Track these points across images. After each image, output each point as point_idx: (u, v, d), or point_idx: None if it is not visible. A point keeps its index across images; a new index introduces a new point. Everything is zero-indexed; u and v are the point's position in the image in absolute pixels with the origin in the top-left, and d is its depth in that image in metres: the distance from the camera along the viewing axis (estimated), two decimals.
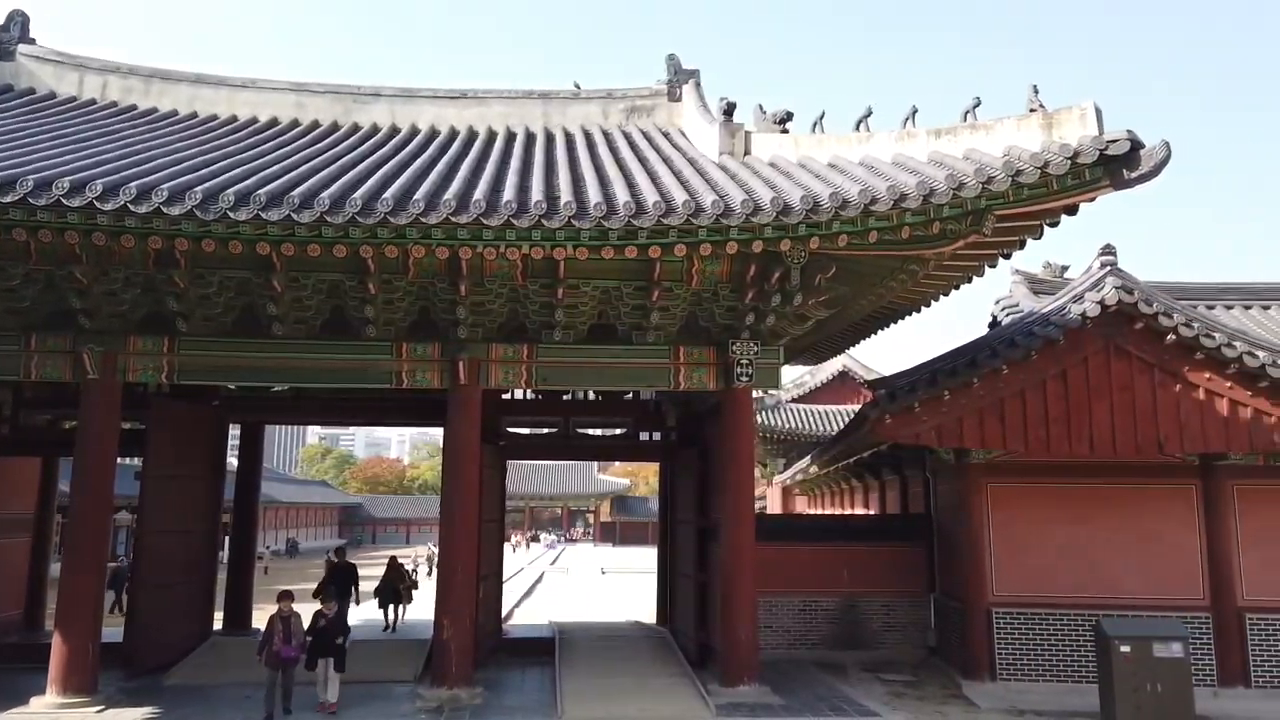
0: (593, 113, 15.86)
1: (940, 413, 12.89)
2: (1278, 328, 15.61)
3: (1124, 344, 12.74)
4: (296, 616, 11.17)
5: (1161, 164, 9.82)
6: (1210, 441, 12.65)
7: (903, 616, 15.73)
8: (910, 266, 12.10)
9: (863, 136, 11.86)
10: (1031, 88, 10.57)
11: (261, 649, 11.00)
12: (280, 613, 11.10)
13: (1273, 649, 12.97)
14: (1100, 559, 13.43)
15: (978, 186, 9.97)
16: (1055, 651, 13.17)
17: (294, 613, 11.17)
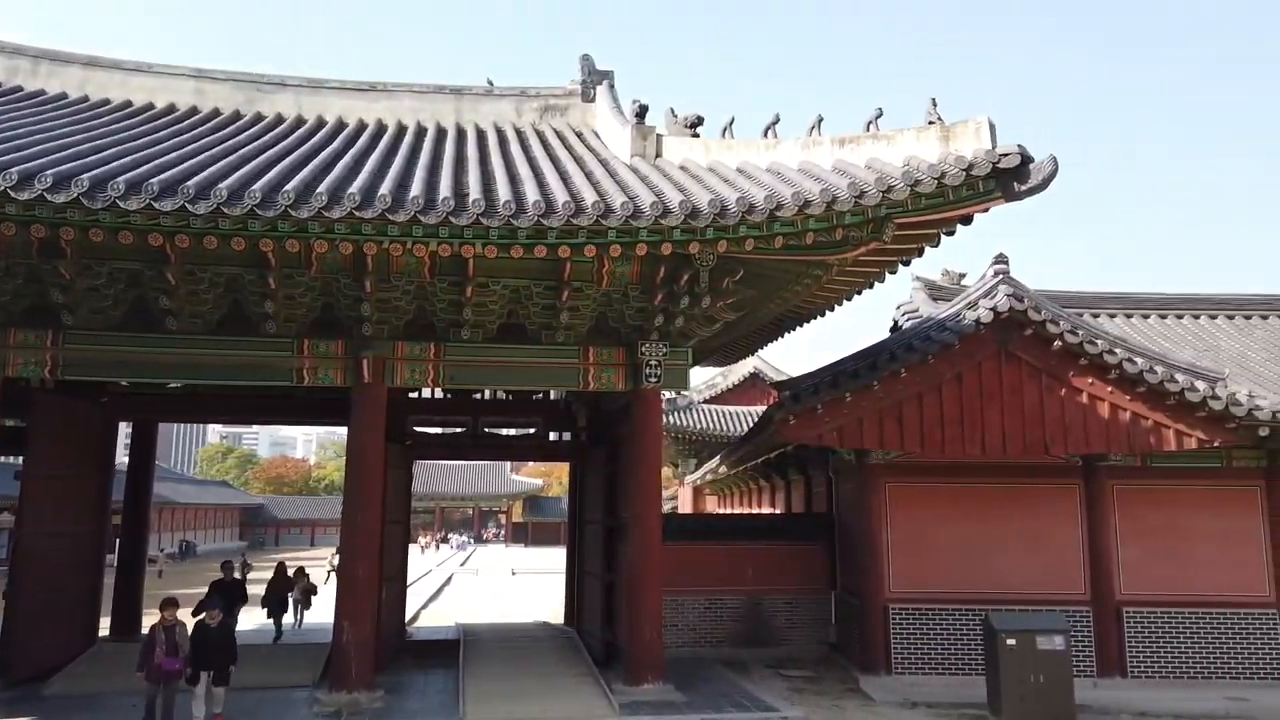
0: (506, 110, 15.75)
1: (842, 414, 13.23)
2: (1156, 335, 16.51)
3: (1015, 349, 13.30)
4: (181, 626, 10.36)
5: (1049, 178, 10.29)
6: (1092, 443, 13.31)
7: (805, 614, 16.09)
8: (815, 271, 12.38)
9: (771, 143, 12.08)
10: (930, 101, 10.93)
11: (142, 662, 10.11)
12: (163, 622, 10.26)
13: (1148, 641, 13.72)
14: (991, 556, 14.00)
15: (878, 195, 10.27)
16: (948, 645, 13.67)
17: (178, 622, 10.35)
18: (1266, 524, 14.12)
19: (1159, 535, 14.05)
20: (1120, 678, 13.48)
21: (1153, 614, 13.77)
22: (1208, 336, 16.62)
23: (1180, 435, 13.03)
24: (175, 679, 10.20)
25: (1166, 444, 13.11)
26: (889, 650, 13.60)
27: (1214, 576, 13.92)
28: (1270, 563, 14.00)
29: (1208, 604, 13.80)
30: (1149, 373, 12.86)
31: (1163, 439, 13.09)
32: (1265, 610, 13.78)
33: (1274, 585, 13.92)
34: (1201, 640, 13.70)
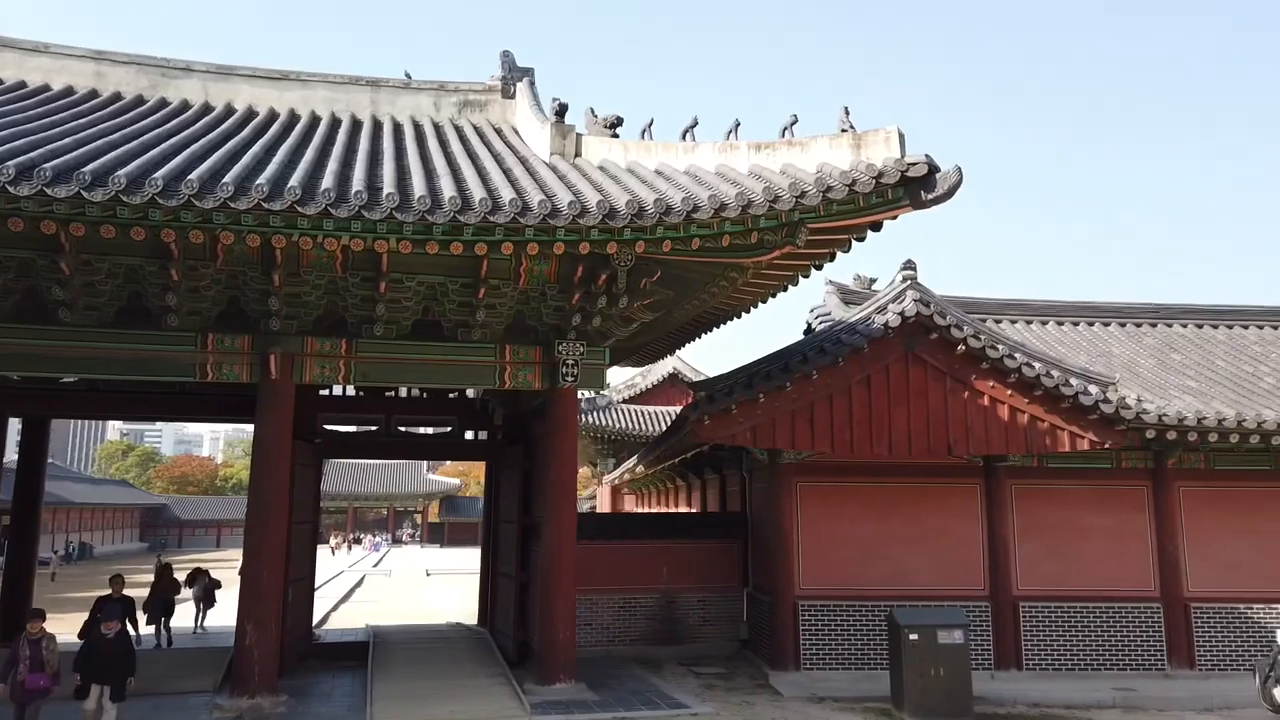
0: (424, 104, 15.54)
1: (755, 415, 13.45)
2: (1053, 341, 17.23)
3: (921, 353, 13.71)
4: (50, 639, 9.51)
5: (954, 188, 10.64)
6: (993, 444, 13.82)
7: (718, 611, 16.29)
8: (731, 273, 12.56)
9: (689, 146, 12.21)
10: (843, 109, 11.19)
11: (4, 676, 9.21)
12: (28, 634, 9.39)
13: (1042, 634, 14.31)
14: (897, 553, 14.42)
15: (792, 200, 10.47)
16: (855, 641, 14.02)
17: (46, 634, 9.48)
18: (1152, 521, 14.88)
19: (1054, 532, 14.69)
20: (1016, 670, 14.03)
21: (1047, 608, 14.37)
22: (1100, 343, 17.43)
23: (1074, 437, 13.62)
24: (41, 698, 9.31)
25: (1061, 445, 13.69)
26: (798, 646, 13.89)
27: (1104, 572, 14.61)
28: (1155, 558, 14.77)
29: (1098, 598, 14.48)
30: (1046, 377, 13.41)
31: (1058, 440, 13.66)
32: (1150, 604, 14.51)
33: (1158, 580, 14.68)
34: (1092, 633, 14.36)
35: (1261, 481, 15.08)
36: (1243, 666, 14.27)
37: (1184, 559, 14.74)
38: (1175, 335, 17.99)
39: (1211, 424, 13.77)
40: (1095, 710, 11.94)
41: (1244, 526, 14.93)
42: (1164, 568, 14.70)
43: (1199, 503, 14.97)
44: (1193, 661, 14.32)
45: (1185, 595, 14.58)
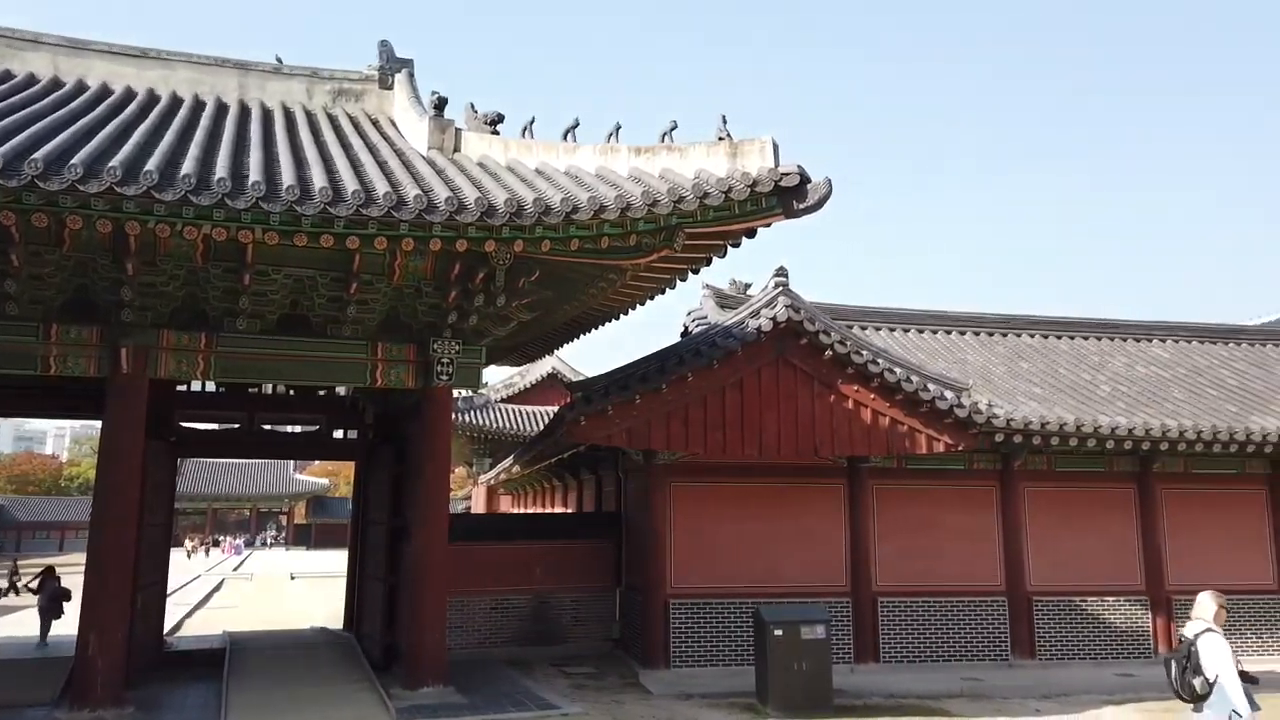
0: (295, 90, 14.99)
1: (631, 416, 13.58)
2: (913, 348, 18.08)
3: (791, 357, 14.14)
4: None
5: (824, 198, 11.04)
6: (856, 446, 14.39)
7: (591, 611, 16.35)
8: (610, 275, 12.64)
9: (570, 147, 12.22)
10: (721, 118, 11.45)
11: None
12: None
13: (899, 628, 15.00)
14: (765, 551, 14.83)
15: (670, 205, 10.63)
16: (723, 638, 14.34)
17: None
18: (1000, 520, 15.82)
19: (911, 530, 15.42)
20: (875, 663, 14.66)
21: (904, 603, 15.08)
22: (956, 350, 18.40)
23: (931, 440, 14.33)
24: None
25: (919, 447, 14.37)
26: (668, 644, 14.10)
27: (956, 567, 15.44)
28: (1002, 554, 15.70)
29: (950, 593, 15.29)
30: (906, 382, 14.06)
31: (916, 442, 14.34)
32: (997, 597, 15.43)
33: (1004, 575, 15.61)
34: (944, 626, 15.14)
35: (1097, 483, 16.26)
36: (1078, 656, 15.39)
37: (1027, 555, 15.74)
38: (1023, 344, 19.16)
39: (1054, 428, 14.75)
40: (945, 699, 12.58)
41: (1081, 524, 16.06)
42: (1009, 563, 15.65)
43: (1042, 502, 16.01)
44: (1033, 651, 15.30)
45: (1028, 589, 15.57)
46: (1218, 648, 7.52)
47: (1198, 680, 7.42)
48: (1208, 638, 7.61)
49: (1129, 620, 15.79)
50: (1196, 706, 7.55)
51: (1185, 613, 15.81)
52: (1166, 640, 15.79)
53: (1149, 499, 16.30)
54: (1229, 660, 7.48)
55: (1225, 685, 7.39)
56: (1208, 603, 7.83)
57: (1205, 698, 7.43)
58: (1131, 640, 15.72)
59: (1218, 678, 7.39)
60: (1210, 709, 7.45)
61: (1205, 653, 7.51)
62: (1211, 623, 7.71)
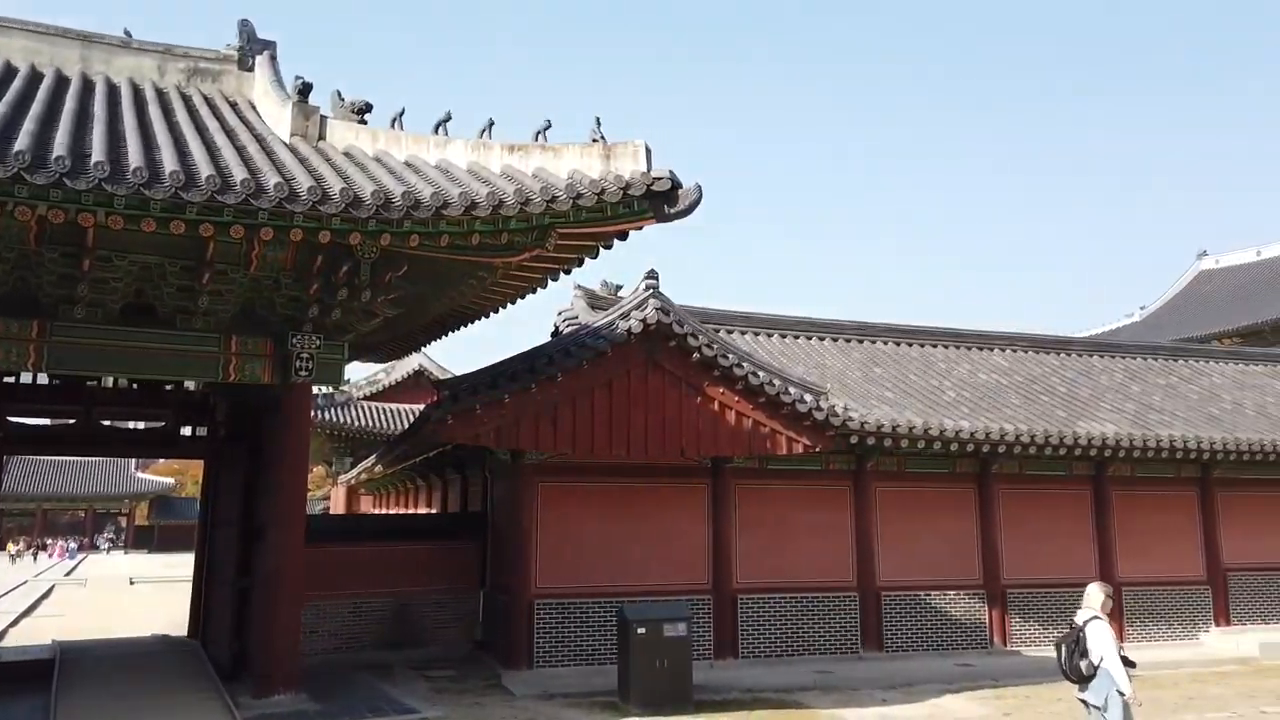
0: (146, 67, 14.11)
1: (500, 415, 13.47)
2: (777, 352, 18.66)
3: (660, 359, 14.35)
4: None
5: (694, 204, 11.29)
6: (720, 446, 14.75)
7: (454, 613, 16.12)
8: (480, 272, 12.51)
9: (441, 140, 12.02)
10: (595, 120, 11.52)
11: None
12: None
13: (757, 624, 15.45)
14: (631, 551, 14.99)
15: (542, 204, 10.61)
16: (588, 638, 14.40)
17: None
18: (853, 518, 16.54)
19: (771, 529, 15.91)
20: (733, 658, 15.06)
21: (762, 600, 15.54)
22: (816, 355, 19.11)
23: (790, 441, 14.82)
24: None
25: (779, 448, 14.85)
26: (532, 645, 14.06)
27: (812, 564, 16.03)
28: (854, 551, 16.42)
29: (806, 589, 15.86)
30: (769, 385, 14.50)
31: (777, 443, 14.80)
32: (849, 593, 16.11)
33: (856, 571, 16.33)
34: (800, 621, 15.70)
35: (942, 483, 17.22)
36: (922, 647, 16.24)
37: (878, 552, 16.51)
38: (878, 351, 20.09)
39: (904, 431, 15.54)
40: (799, 692, 13.06)
41: (927, 522, 16.97)
42: (861, 560, 16.38)
43: (892, 501, 16.83)
44: (881, 644, 16.06)
45: (878, 585, 16.33)
46: (1103, 634, 8.27)
47: (1084, 663, 8.23)
48: (1094, 625, 8.35)
49: (968, 613, 16.80)
50: (1082, 686, 8.33)
51: (1019, 605, 17.05)
52: (1002, 632, 16.90)
53: (987, 498, 17.39)
54: (1113, 645, 8.24)
55: (1109, 667, 8.16)
56: (1096, 593, 8.58)
57: (1091, 679, 8.23)
58: (970, 632, 16.72)
59: (1102, 660, 8.17)
60: (1094, 689, 8.23)
61: (1092, 638, 8.26)
62: (1099, 611, 8.44)
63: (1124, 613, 17.60)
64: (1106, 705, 8.18)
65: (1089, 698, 8.32)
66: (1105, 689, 8.22)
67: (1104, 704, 8.19)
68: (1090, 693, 8.30)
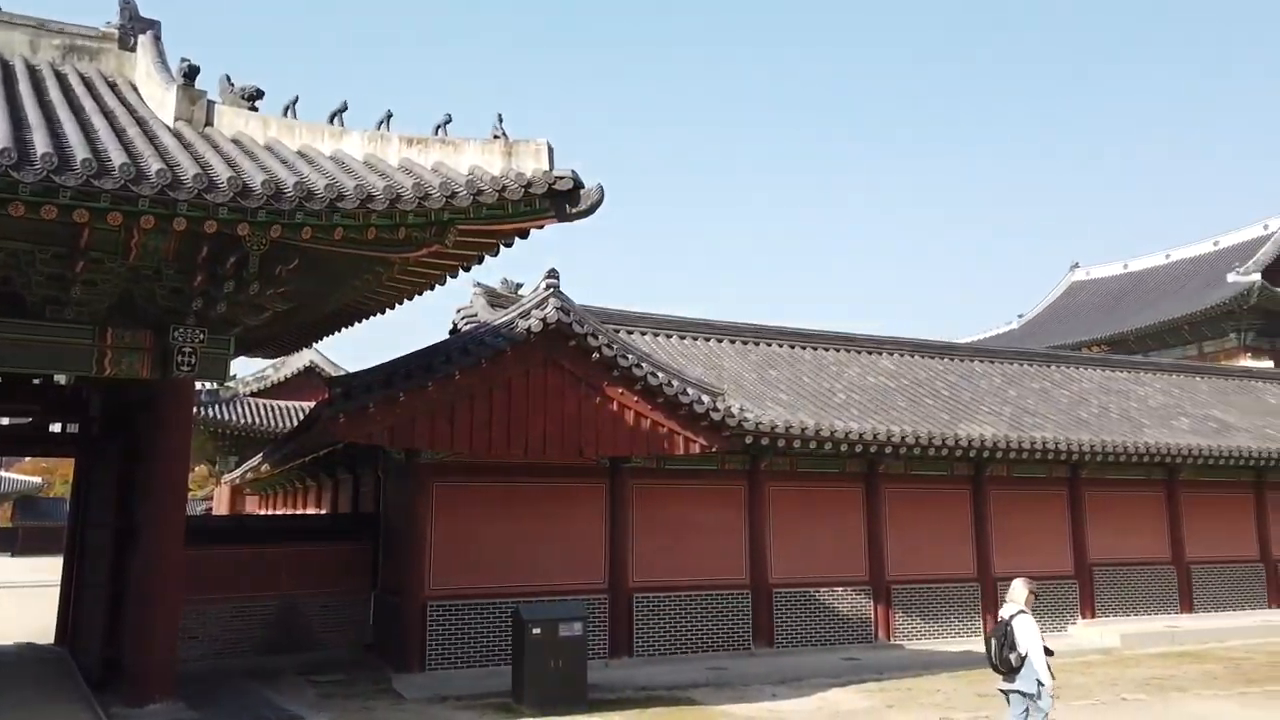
0: (17, 41, 13.26)
1: (395, 414, 13.22)
2: (675, 353, 18.87)
3: (559, 359, 14.33)
4: None
5: (596, 204, 11.31)
6: (619, 446, 14.84)
7: (344, 616, 15.75)
8: (376, 267, 12.22)
9: (337, 131, 11.69)
10: (497, 116, 11.41)
11: None
12: None
13: (652, 622, 15.60)
14: (529, 551, 14.92)
15: (442, 199, 10.45)
16: (484, 639, 14.27)
17: None
18: (747, 517, 16.88)
19: (668, 528, 16.09)
20: (629, 657, 15.17)
21: (658, 598, 15.70)
22: (714, 357, 19.41)
23: (688, 441, 15.02)
24: None
25: (677, 448, 15.03)
26: (424, 647, 13.84)
27: (708, 563, 16.29)
28: (747, 549, 16.76)
29: (701, 587, 16.10)
30: (668, 386, 14.66)
31: (674, 444, 14.97)
32: (742, 590, 16.44)
33: (749, 569, 16.66)
34: (695, 619, 15.93)
35: (832, 482, 17.75)
36: (811, 642, 16.70)
37: (770, 549, 16.89)
38: (773, 353, 20.55)
39: (796, 431, 15.95)
40: (691, 689, 13.24)
41: (817, 520, 17.46)
42: (754, 558, 16.73)
43: (784, 500, 17.25)
44: (772, 640, 16.44)
45: (770, 582, 16.71)
46: (1029, 628, 8.81)
47: (1013, 655, 8.75)
48: (1021, 619, 8.89)
49: (855, 608, 17.36)
50: (1009, 677, 8.86)
51: (902, 600, 17.70)
52: (886, 626, 17.52)
53: (875, 497, 18.01)
54: (1037, 638, 8.79)
55: (1034, 660, 8.71)
56: (1020, 589, 9.16)
57: (1018, 670, 8.76)
58: (857, 627, 17.28)
59: (1028, 653, 8.70)
60: (1021, 679, 8.76)
61: (1019, 632, 8.79)
62: (1024, 605, 8.98)
63: (999, 607, 18.46)
64: (1039, 693, 8.75)
65: (1017, 687, 8.86)
66: (1031, 680, 8.77)
67: (1037, 692, 8.76)
68: (1019, 682, 8.82)
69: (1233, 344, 46.01)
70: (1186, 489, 21.10)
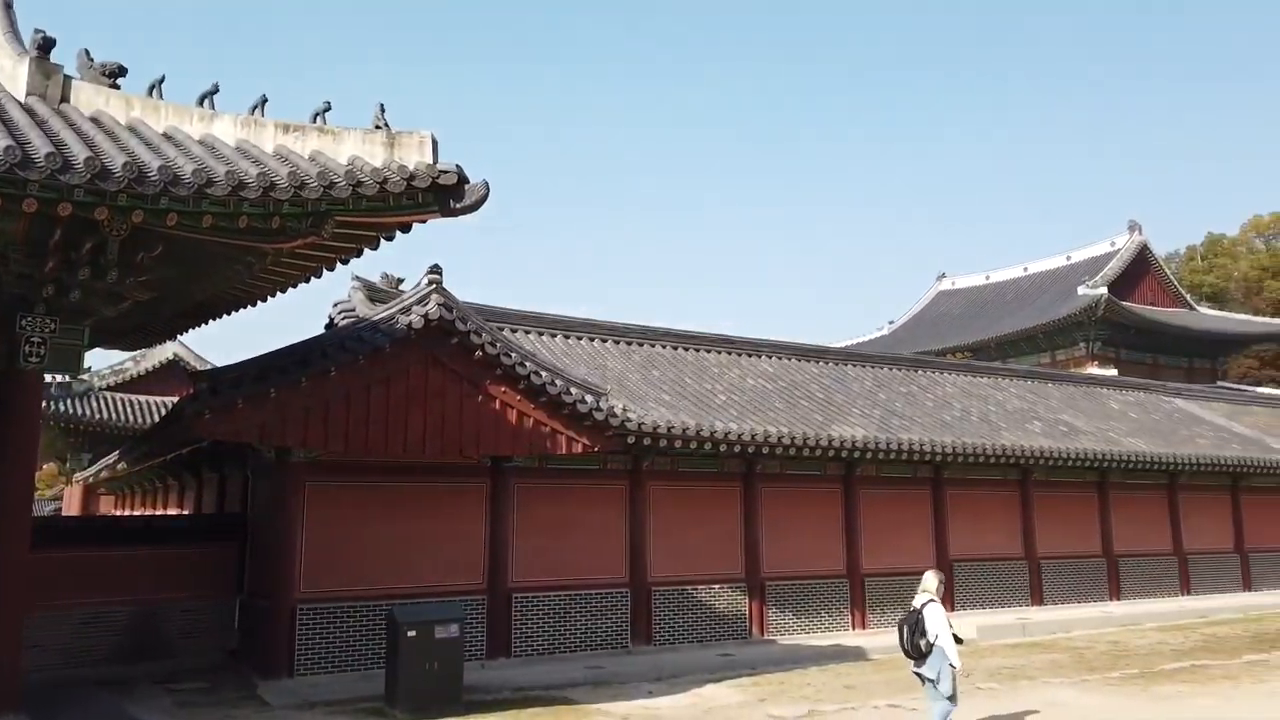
0: None
1: (266, 410, 12.73)
2: (560, 352, 18.86)
3: (441, 356, 14.10)
4: None
5: (481, 199, 11.20)
6: (501, 446, 14.72)
7: (207, 621, 15.05)
8: (248, 258, 11.73)
9: (207, 114, 11.18)
10: (378, 105, 11.13)
11: None
12: None
13: (531, 622, 15.54)
14: (407, 552, 14.63)
15: (320, 189, 10.13)
16: (357, 643, 13.90)
17: None
18: (628, 516, 17.02)
19: (550, 528, 16.06)
20: (506, 658, 15.06)
21: (538, 598, 15.65)
22: (598, 357, 19.49)
23: (571, 441, 15.02)
24: None
25: (560, 447, 15.01)
26: (293, 652, 13.39)
27: (588, 562, 16.34)
28: (628, 548, 16.90)
29: (581, 586, 16.14)
30: (551, 385, 14.63)
31: (557, 443, 14.95)
32: (621, 589, 16.56)
33: (629, 567, 16.81)
34: (574, 619, 15.95)
35: (711, 481, 18.10)
36: (688, 639, 16.98)
37: (650, 548, 17.09)
38: (657, 354, 20.79)
39: (678, 432, 16.20)
40: (569, 688, 13.26)
41: (697, 519, 17.77)
42: (634, 557, 16.89)
43: (664, 499, 17.48)
44: (650, 638, 16.63)
45: (649, 580, 16.90)
46: (939, 615, 9.45)
47: (923, 641, 9.35)
48: (931, 607, 9.50)
49: (731, 605, 17.74)
50: (919, 662, 9.47)
51: (776, 597, 18.19)
52: (760, 622, 17.98)
53: (751, 496, 18.45)
54: (946, 625, 9.42)
55: (943, 645, 9.33)
56: (931, 579, 9.80)
57: (928, 655, 9.36)
58: (733, 623, 17.67)
59: (938, 638, 9.32)
60: (930, 663, 9.38)
61: (929, 619, 9.40)
62: (934, 595, 9.58)
63: (867, 602, 19.26)
64: (939, 677, 9.35)
65: (925, 671, 9.47)
66: (939, 664, 9.37)
67: (936, 676, 9.36)
68: (926, 667, 9.43)
69: (1081, 352, 49.46)
70: (1038, 488, 22.48)
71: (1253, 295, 70.63)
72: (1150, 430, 26.09)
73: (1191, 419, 29.08)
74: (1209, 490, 25.86)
